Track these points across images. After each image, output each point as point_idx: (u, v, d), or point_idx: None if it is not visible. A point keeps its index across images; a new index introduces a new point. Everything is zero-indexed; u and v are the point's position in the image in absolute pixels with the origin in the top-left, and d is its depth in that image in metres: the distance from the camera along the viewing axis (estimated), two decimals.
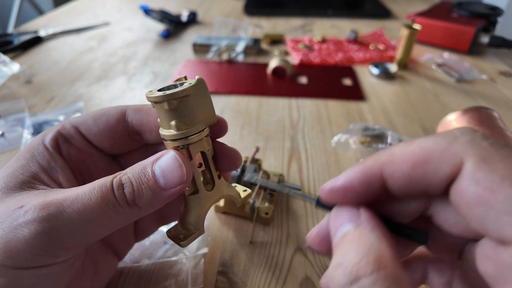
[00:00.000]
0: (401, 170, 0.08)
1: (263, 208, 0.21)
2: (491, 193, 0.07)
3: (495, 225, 0.07)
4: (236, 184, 0.17)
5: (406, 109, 0.35)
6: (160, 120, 0.13)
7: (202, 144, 0.13)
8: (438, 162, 0.08)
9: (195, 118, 0.13)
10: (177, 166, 0.12)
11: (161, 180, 0.12)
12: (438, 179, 0.08)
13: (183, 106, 0.13)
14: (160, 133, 0.13)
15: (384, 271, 0.07)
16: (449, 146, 0.08)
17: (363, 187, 0.09)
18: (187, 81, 0.14)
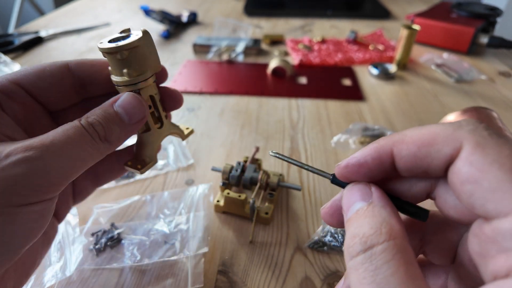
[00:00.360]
0: (409, 149, 0.09)
1: (263, 208, 0.21)
2: (481, 173, 0.08)
3: (481, 201, 0.08)
4: (180, 124, 0.19)
5: (406, 109, 0.35)
6: (112, 68, 0.15)
7: (151, 89, 0.16)
8: (441, 144, 0.09)
9: (144, 66, 0.15)
10: (138, 102, 0.14)
11: (125, 117, 0.14)
12: (439, 159, 0.09)
13: (133, 56, 0.15)
14: (113, 79, 0.15)
15: (394, 241, 0.08)
16: (453, 132, 0.09)
17: (375, 163, 0.10)
18: (134, 33, 0.15)
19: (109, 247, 0.20)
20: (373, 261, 0.08)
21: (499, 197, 0.07)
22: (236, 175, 0.22)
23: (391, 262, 0.08)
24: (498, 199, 0.07)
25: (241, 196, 0.21)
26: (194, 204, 0.23)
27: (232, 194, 0.21)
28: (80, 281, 0.18)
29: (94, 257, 0.19)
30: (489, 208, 0.08)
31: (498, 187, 0.07)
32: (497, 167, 0.08)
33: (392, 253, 0.08)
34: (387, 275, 0.08)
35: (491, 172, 0.08)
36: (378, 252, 0.08)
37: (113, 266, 0.19)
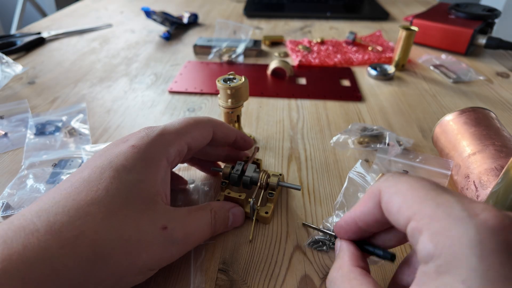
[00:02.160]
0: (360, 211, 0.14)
1: (263, 208, 0.22)
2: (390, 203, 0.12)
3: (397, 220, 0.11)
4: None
5: (404, 110, 0.35)
6: (222, 96, 0.25)
7: (239, 111, 0.26)
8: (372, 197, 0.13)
9: (241, 99, 0.25)
10: (242, 217, 0.21)
11: (230, 222, 0.20)
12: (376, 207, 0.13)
13: (236, 92, 0.25)
14: (220, 103, 0.26)
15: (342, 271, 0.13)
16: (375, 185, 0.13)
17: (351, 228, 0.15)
18: (238, 77, 0.25)
19: None
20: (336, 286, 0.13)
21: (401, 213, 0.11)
22: (236, 175, 0.22)
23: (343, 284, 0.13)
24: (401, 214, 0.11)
25: (241, 196, 0.21)
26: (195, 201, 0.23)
27: (233, 193, 0.21)
28: None
29: None
30: (401, 223, 0.11)
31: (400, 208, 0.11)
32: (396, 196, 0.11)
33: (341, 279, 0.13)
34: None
35: (394, 200, 0.11)
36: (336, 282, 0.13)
37: None
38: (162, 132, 0.17)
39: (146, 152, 0.15)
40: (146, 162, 0.15)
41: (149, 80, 0.41)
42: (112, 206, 0.13)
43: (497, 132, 0.24)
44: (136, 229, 0.13)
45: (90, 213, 0.12)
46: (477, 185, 0.21)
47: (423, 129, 0.32)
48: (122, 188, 0.14)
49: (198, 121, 0.19)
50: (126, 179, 0.14)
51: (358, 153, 0.28)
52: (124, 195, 0.14)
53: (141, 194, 0.14)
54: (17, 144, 0.29)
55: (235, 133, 0.22)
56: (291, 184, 0.22)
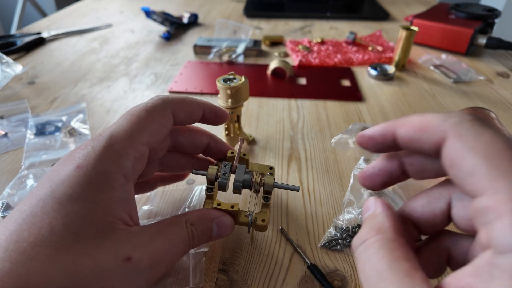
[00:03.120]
0: (407, 132, 0.11)
1: (258, 214, 0.18)
2: (460, 160, 0.10)
3: (463, 183, 0.10)
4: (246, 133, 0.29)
5: (404, 110, 0.35)
6: (222, 96, 0.25)
7: (239, 111, 0.26)
8: (431, 132, 0.11)
9: (240, 98, 0.25)
10: (231, 226, 0.17)
11: (214, 233, 0.17)
12: (429, 144, 0.11)
13: (236, 92, 0.25)
14: (220, 103, 0.25)
15: (382, 235, 0.11)
16: (441, 123, 0.10)
17: (381, 139, 0.12)
18: (238, 77, 0.25)
19: None
20: (367, 251, 0.11)
21: (474, 179, 0.09)
22: (225, 179, 0.18)
23: (380, 250, 0.10)
24: (474, 181, 0.09)
25: (234, 207, 0.17)
26: (195, 204, 0.23)
27: (224, 205, 0.18)
28: None
29: None
30: (469, 189, 0.09)
31: (473, 171, 0.09)
32: (473, 154, 0.09)
33: (380, 243, 0.10)
34: (376, 260, 0.10)
35: (468, 158, 0.09)
36: (369, 243, 0.11)
37: None
38: (110, 141, 0.14)
39: (94, 174, 0.13)
40: (95, 185, 0.13)
41: (149, 80, 0.41)
42: (59, 245, 0.11)
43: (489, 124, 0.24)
44: (92, 266, 0.11)
45: (35, 257, 0.11)
46: None
47: None
48: (69, 222, 0.12)
49: (151, 109, 0.15)
50: (72, 210, 0.12)
51: (359, 153, 0.28)
52: (73, 230, 0.12)
53: (94, 225, 0.12)
54: (17, 144, 0.29)
55: (199, 105, 0.18)
56: (289, 185, 0.19)
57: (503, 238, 0.08)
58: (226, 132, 0.27)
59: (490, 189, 0.09)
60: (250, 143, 0.30)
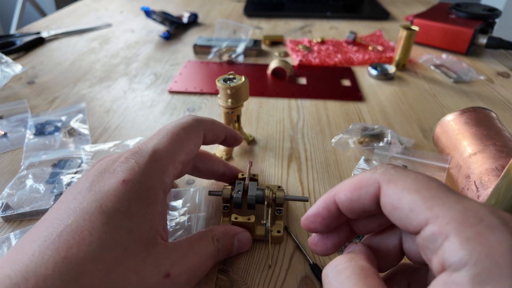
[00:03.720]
0: (345, 195, 0.12)
1: (273, 226, 0.20)
2: (398, 201, 0.10)
3: (407, 221, 0.10)
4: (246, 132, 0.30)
5: (405, 110, 0.35)
6: (222, 96, 0.25)
7: (239, 111, 0.26)
8: (366, 187, 0.11)
9: (240, 98, 0.25)
10: (249, 242, 0.19)
11: (235, 248, 0.18)
12: (368, 198, 0.11)
13: (236, 92, 0.24)
14: (220, 103, 0.25)
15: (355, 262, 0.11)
16: (371, 177, 0.11)
17: (325, 212, 0.12)
18: (238, 77, 0.25)
19: None
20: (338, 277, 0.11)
21: (415, 214, 0.10)
22: (240, 196, 0.20)
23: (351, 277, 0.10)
24: (415, 215, 0.10)
25: (250, 219, 0.19)
26: (195, 204, 0.23)
27: (241, 218, 0.19)
28: None
29: None
30: (413, 224, 0.10)
31: (412, 207, 0.10)
32: (406, 193, 0.10)
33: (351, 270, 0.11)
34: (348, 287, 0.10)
35: (404, 198, 0.10)
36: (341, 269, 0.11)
37: None
38: (154, 157, 0.14)
39: (140, 188, 0.13)
40: (142, 201, 0.13)
41: (149, 80, 0.41)
42: (110, 260, 0.11)
43: (498, 132, 0.24)
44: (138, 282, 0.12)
45: (86, 274, 0.11)
46: (478, 185, 0.21)
47: (423, 129, 0.32)
48: (118, 238, 0.12)
49: (188, 129, 0.16)
50: (121, 225, 0.12)
51: (359, 153, 0.28)
52: (122, 245, 0.12)
53: (141, 240, 0.12)
54: (17, 144, 0.29)
55: (224, 130, 0.20)
56: (299, 196, 0.21)
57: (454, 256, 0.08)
58: None
59: (431, 217, 0.09)
60: (250, 143, 0.30)
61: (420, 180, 0.10)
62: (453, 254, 0.08)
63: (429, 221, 0.09)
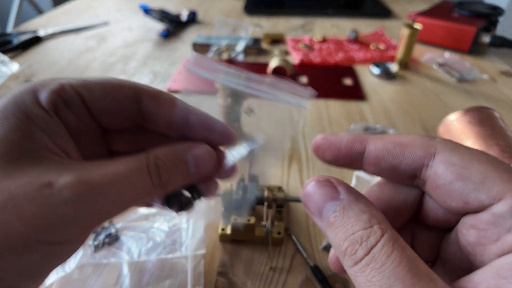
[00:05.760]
0: (385, 145, 0.10)
1: (274, 228, 0.20)
2: (466, 170, 0.09)
3: (474, 194, 0.09)
4: None
5: (407, 109, 0.35)
6: (221, 95, 0.22)
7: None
8: (416, 147, 0.10)
9: None
10: (211, 157, 0.13)
11: (192, 168, 0.13)
12: (410, 159, 0.10)
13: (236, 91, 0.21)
14: (219, 103, 0.22)
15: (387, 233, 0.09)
16: (428, 140, 0.10)
17: (346, 150, 0.11)
18: None
19: (107, 243, 0.20)
20: (378, 260, 0.08)
21: (488, 186, 0.08)
22: (239, 198, 0.20)
23: (393, 255, 0.08)
24: (488, 188, 0.08)
25: (250, 220, 0.19)
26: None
27: (240, 219, 0.19)
28: (81, 280, 0.18)
29: (93, 253, 0.19)
30: (483, 198, 0.09)
31: (484, 178, 0.09)
32: (477, 163, 0.09)
33: (390, 245, 0.09)
34: (394, 267, 0.08)
35: (474, 167, 0.09)
36: (379, 249, 0.09)
37: (110, 261, 0.19)
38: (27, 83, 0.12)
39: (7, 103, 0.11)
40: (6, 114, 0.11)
41: (148, 79, 0.41)
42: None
43: (501, 132, 0.23)
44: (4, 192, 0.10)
45: None
46: None
47: (426, 128, 0.32)
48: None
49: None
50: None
51: None
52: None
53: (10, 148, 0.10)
54: None
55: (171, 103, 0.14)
56: (300, 197, 0.21)
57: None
58: None
59: (508, 191, 0.08)
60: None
61: (487, 154, 0.09)
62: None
63: (506, 195, 0.08)
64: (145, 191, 0.12)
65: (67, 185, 0.10)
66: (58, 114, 0.12)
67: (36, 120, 0.11)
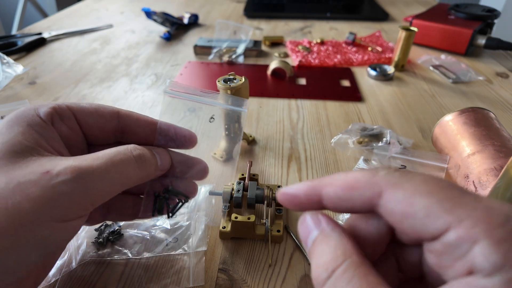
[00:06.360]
0: (336, 192, 0.11)
1: (274, 227, 0.21)
2: (410, 207, 0.09)
3: (423, 228, 0.09)
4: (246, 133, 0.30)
5: (404, 110, 0.35)
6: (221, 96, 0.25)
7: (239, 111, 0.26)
8: (361, 188, 0.10)
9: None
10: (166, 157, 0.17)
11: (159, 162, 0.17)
12: (360, 201, 0.10)
13: (236, 92, 0.24)
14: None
15: (350, 259, 0.09)
16: (372, 178, 0.10)
17: (305, 198, 0.11)
18: (238, 78, 0.25)
19: (111, 241, 0.20)
20: (338, 284, 0.09)
21: (434, 220, 0.09)
22: (240, 196, 0.20)
23: (353, 280, 0.09)
24: (434, 221, 0.09)
25: (250, 218, 0.20)
26: (196, 204, 0.23)
27: (241, 217, 0.20)
28: (84, 277, 0.19)
29: (97, 251, 0.20)
30: (431, 230, 0.09)
31: (428, 213, 0.09)
32: (420, 197, 0.09)
33: (351, 271, 0.09)
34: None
35: (417, 203, 0.09)
36: (340, 275, 0.09)
37: (113, 258, 0.19)
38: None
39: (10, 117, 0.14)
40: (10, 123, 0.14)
41: (150, 81, 0.42)
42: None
43: (497, 132, 0.24)
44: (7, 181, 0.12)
45: None
46: (477, 185, 0.21)
47: (422, 129, 0.32)
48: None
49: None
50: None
51: (358, 153, 0.28)
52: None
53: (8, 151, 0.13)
54: None
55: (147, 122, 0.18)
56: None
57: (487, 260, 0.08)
58: (226, 132, 0.27)
59: (453, 221, 0.08)
60: (250, 143, 0.30)
61: (430, 181, 0.09)
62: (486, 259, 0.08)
63: (451, 225, 0.08)
64: (130, 171, 0.15)
65: (63, 170, 0.13)
66: (53, 124, 0.15)
67: (35, 127, 0.14)
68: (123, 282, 0.18)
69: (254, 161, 0.28)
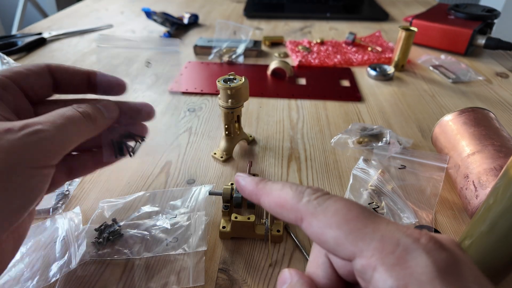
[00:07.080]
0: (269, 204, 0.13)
1: (273, 226, 0.21)
2: (323, 236, 0.11)
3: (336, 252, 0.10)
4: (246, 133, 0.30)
5: (404, 110, 0.35)
6: (222, 96, 0.25)
7: (239, 111, 0.27)
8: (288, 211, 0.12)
9: (240, 98, 0.26)
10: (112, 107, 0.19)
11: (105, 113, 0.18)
12: (290, 219, 0.12)
13: (236, 92, 0.25)
14: (220, 103, 0.26)
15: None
16: (295, 205, 0.12)
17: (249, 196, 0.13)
18: (238, 78, 0.25)
19: (111, 241, 0.20)
20: None
21: (342, 248, 0.10)
22: (240, 196, 0.21)
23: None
24: (343, 249, 0.10)
25: (250, 218, 0.20)
26: (196, 204, 0.23)
27: (241, 217, 0.20)
28: (84, 277, 0.19)
29: (97, 251, 0.20)
30: (343, 256, 0.10)
31: (337, 242, 0.10)
32: (329, 229, 0.11)
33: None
34: None
35: (327, 234, 0.11)
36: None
37: (113, 258, 0.19)
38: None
39: None
40: None
41: (150, 81, 0.41)
42: None
43: (496, 132, 0.24)
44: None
45: None
46: (477, 185, 0.21)
47: (422, 129, 0.32)
48: None
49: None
50: None
51: (358, 153, 0.29)
52: None
53: None
54: None
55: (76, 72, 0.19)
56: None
57: (385, 284, 0.09)
58: (226, 132, 0.27)
59: (357, 251, 0.10)
60: (250, 143, 0.30)
61: (340, 212, 0.11)
62: (383, 283, 0.09)
63: (356, 255, 0.10)
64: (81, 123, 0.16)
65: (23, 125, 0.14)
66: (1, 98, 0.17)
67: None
68: (123, 282, 0.18)
69: (254, 161, 0.28)
